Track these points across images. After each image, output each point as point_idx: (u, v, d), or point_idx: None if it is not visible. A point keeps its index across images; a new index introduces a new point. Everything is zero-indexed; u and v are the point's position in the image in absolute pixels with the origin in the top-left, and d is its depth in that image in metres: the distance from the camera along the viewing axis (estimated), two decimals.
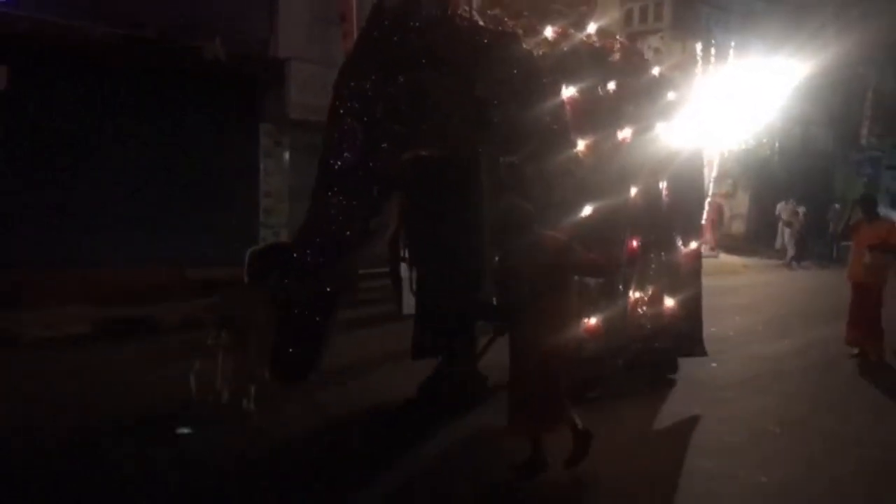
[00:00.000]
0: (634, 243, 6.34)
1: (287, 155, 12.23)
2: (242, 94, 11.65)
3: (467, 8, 5.61)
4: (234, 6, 11.18)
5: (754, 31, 22.45)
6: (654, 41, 20.50)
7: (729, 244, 21.57)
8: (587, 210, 5.56)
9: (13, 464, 4.75)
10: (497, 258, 4.80)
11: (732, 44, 19.31)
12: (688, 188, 7.23)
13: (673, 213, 6.90)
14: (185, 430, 5.28)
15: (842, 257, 21.13)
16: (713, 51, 18.87)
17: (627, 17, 22.04)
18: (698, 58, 18.61)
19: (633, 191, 6.23)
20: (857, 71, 25.49)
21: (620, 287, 6.20)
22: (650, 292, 6.68)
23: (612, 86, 6.33)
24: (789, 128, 22.51)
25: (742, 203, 23.99)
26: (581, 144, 5.67)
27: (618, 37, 8.21)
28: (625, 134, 6.27)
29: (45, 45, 9.43)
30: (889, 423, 6.25)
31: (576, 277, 4.89)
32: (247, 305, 5.50)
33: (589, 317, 5.77)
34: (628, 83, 6.54)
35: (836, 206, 22.20)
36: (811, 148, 24.99)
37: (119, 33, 10.06)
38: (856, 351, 8.47)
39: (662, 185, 6.80)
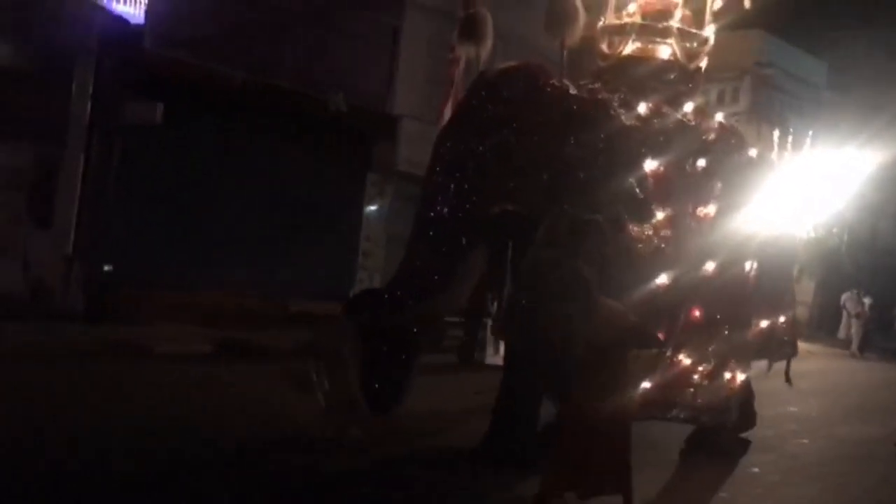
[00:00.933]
0: (696, 313, 6.27)
1: (388, 204, 12.99)
2: (355, 145, 12.49)
3: (559, 78, 5.93)
4: (357, 65, 12.12)
5: (826, 119, 22.89)
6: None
7: None
8: (656, 278, 5.69)
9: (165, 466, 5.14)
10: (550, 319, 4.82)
11: (810, 132, 19.77)
12: (775, 270, 7.24)
13: (757, 292, 6.86)
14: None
15: None
16: (790, 138, 19.35)
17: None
18: (775, 143, 19.10)
19: (710, 265, 6.20)
20: None
21: (669, 353, 6.09)
22: (710, 366, 6.50)
23: (701, 163, 6.43)
24: (859, 218, 22.70)
25: (807, 290, 24.03)
26: (660, 215, 5.86)
27: (717, 117, 8.36)
28: (708, 210, 6.37)
29: (193, 86, 10.36)
30: None
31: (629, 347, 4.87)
32: (338, 340, 5.74)
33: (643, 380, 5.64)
34: (720, 161, 6.61)
35: None
36: (880, 244, 25.07)
37: (256, 80, 11.00)
38: None
39: (750, 264, 6.78)
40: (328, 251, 12.29)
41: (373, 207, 12.98)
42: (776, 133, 20.21)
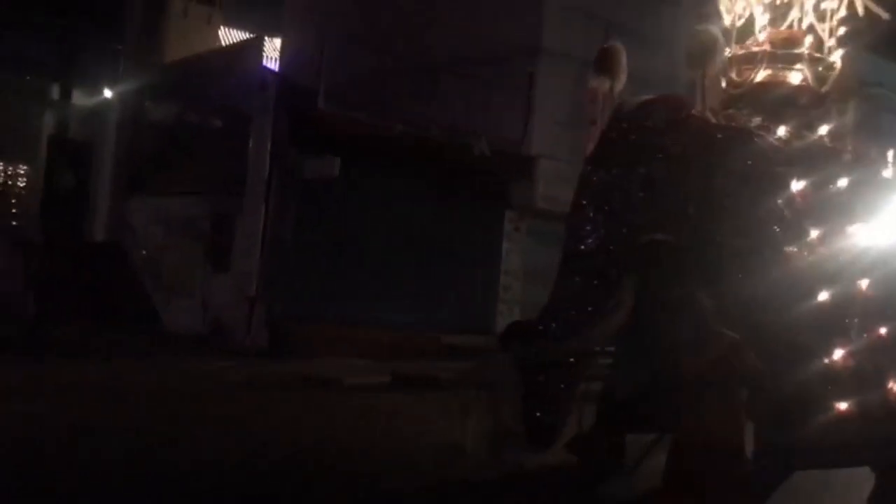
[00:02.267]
0: (882, 331, 6.02)
1: (525, 239, 13.75)
2: (495, 185, 13.31)
3: (701, 110, 6.06)
4: (496, 109, 13.00)
5: None
6: None
7: None
8: (818, 296, 5.66)
9: None
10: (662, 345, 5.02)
11: None
12: None
13: None
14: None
15: None
16: None
17: None
18: (889, 165, 18.92)
19: (865, 283, 6.07)
20: None
21: (872, 370, 5.89)
22: None
23: (843, 183, 6.34)
24: None
25: None
26: (813, 233, 5.86)
27: (849, 139, 8.50)
28: (855, 229, 6.24)
29: (361, 140, 11.40)
30: None
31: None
32: (498, 372, 6.06)
33: (835, 399, 5.60)
34: (860, 182, 6.46)
35: None
36: None
37: (410, 131, 11.97)
38: None
39: None
40: (471, 286, 13.10)
41: (511, 243, 13.75)
42: (890, 153, 20.03)
